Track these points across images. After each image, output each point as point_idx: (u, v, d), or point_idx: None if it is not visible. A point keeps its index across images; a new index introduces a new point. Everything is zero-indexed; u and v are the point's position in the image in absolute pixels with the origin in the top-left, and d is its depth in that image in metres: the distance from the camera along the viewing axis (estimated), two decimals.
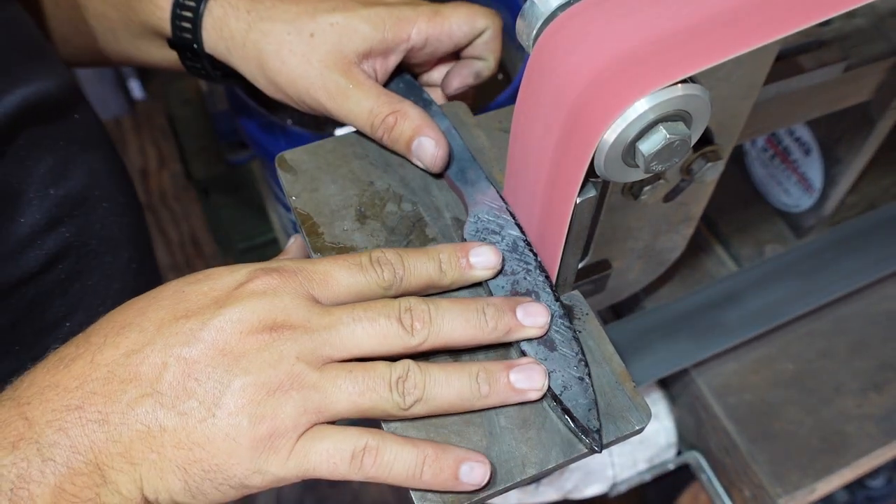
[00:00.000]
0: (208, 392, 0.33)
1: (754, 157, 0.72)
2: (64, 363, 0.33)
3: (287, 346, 0.33)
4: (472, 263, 0.39)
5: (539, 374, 0.37)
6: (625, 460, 0.67)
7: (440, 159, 0.44)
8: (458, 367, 0.36)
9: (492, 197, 0.43)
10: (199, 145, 1.17)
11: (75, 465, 0.31)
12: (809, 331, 0.66)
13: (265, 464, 0.33)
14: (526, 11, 0.35)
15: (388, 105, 0.45)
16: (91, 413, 0.32)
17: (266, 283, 0.34)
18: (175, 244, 1.69)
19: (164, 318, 0.34)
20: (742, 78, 0.40)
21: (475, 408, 0.37)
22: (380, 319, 0.35)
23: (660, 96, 0.30)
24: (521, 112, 0.37)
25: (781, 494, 0.59)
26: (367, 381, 0.34)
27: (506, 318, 0.37)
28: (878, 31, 0.54)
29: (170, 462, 0.32)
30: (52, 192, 0.46)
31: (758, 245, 0.71)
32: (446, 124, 0.46)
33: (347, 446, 0.33)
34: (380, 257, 0.37)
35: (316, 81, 0.46)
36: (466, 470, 0.34)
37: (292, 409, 0.33)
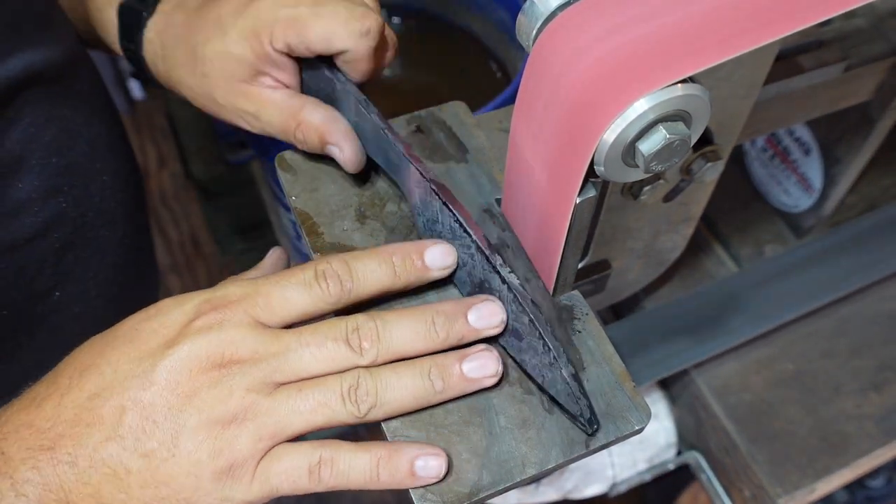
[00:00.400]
0: (166, 432, 0.33)
1: (754, 157, 0.72)
2: (36, 403, 0.34)
3: (236, 380, 0.34)
4: (427, 265, 0.39)
5: (491, 361, 0.37)
6: (625, 460, 0.67)
7: (350, 163, 0.44)
8: (409, 366, 0.36)
9: (415, 179, 0.41)
10: (199, 145, 1.17)
11: (47, 502, 0.32)
12: (809, 331, 0.66)
13: (230, 492, 0.34)
14: (526, 11, 0.35)
15: (290, 117, 0.44)
16: (61, 454, 0.33)
17: (211, 319, 0.35)
18: (175, 244, 1.69)
19: (120, 360, 0.34)
20: (742, 78, 0.40)
21: (432, 403, 0.37)
22: (327, 343, 0.35)
23: (660, 96, 0.30)
24: (520, 112, 0.37)
25: (781, 494, 0.59)
26: (319, 397, 0.35)
27: (457, 325, 0.37)
28: (878, 31, 0.54)
29: (138, 501, 0.33)
30: (55, 160, 0.46)
31: (758, 245, 0.71)
32: (354, 105, 0.43)
33: (303, 463, 0.34)
34: (325, 269, 0.36)
35: (233, 117, 0.47)
36: (421, 465, 0.35)
37: (247, 439, 0.34)
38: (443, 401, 0.37)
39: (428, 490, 0.35)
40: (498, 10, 0.80)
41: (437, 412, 0.37)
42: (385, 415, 0.36)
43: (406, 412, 0.37)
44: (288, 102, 0.45)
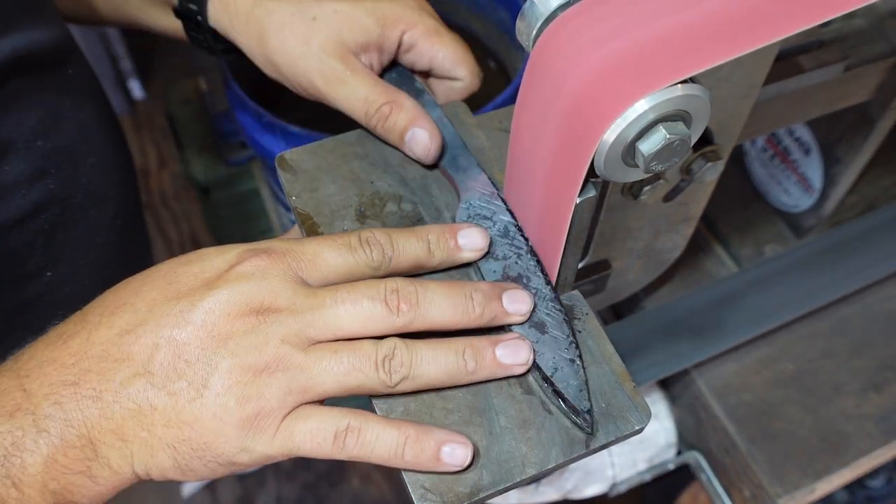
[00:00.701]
0: (197, 373, 0.33)
1: (754, 157, 0.72)
2: (62, 339, 0.34)
3: (273, 328, 0.34)
4: (460, 245, 0.40)
5: (524, 350, 0.37)
6: (625, 460, 0.67)
7: (433, 150, 0.45)
8: (445, 343, 0.36)
9: (483, 183, 0.43)
10: (199, 145, 1.16)
11: (68, 437, 0.32)
12: (809, 331, 0.66)
13: (252, 442, 0.34)
14: (526, 11, 0.35)
15: (383, 94, 0.45)
16: (86, 389, 0.33)
17: (254, 266, 0.35)
18: (175, 244, 1.69)
19: (156, 299, 0.34)
20: (742, 78, 0.40)
21: (462, 383, 0.37)
22: (363, 301, 0.35)
23: (660, 96, 0.30)
24: (521, 112, 0.37)
25: (781, 494, 0.59)
26: (353, 361, 0.35)
27: (493, 304, 0.38)
28: (878, 31, 0.54)
29: (160, 440, 0.33)
30: (41, 143, 0.46)
31: (758, 245, 0.71)
32: (438, 113, 0.47)
33: (330, 426, 0.34)
34: (369, 237, 0.37)
35: (313, 65, 0.46)
36: (448, 451, 0.35)
37: (277, 390, 0.34)
38: (471, 382, 0.37)
39: (428, 490, 0.35)
40: (498, 10, 0.80)
41: (438, 412, 0.37)
42: (415, 387, 0.36)
43: (436, 387, 0.37)
44: (382, 82, 0.46)
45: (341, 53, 0.46)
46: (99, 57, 1.77)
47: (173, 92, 1.20)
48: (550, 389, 0.38)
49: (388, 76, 0.49)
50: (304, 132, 0.68)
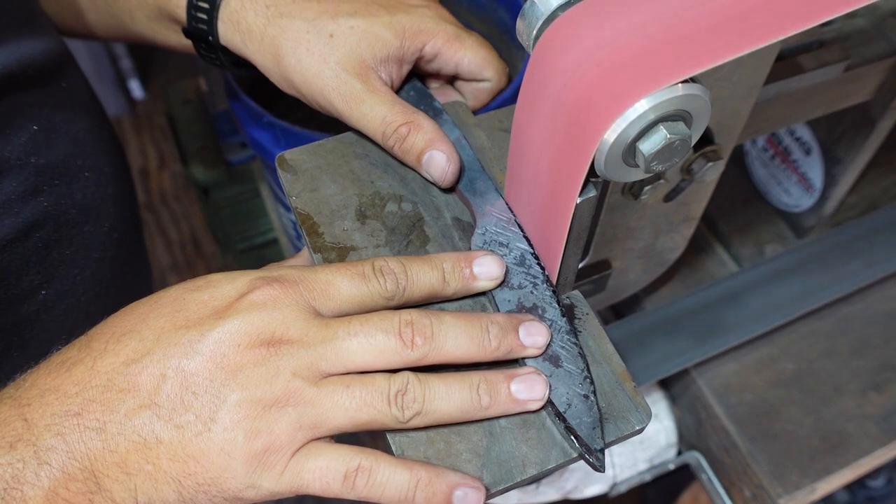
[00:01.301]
0: (205, 406, 0.33)
1: (754, 156, 0.72)
2: (66, 367, 0.33)
3: (284, 361, 0.33)
4: (475, 274, 0.39)
5: (540, 385, 0.36)
6: (625, 460, 0.67)
7: (451, 174, 0.44)
8: (459, 378, 0.35)
9: (500, 209, 0.43)
10: (199, 145, 1.16)
11: (70, 470, 0.31)
12: (810, 331, 0.66)
13: (259, 479, 0.33)
14: (526, 11, 0.35)
15: (401, 115, 0.44)
16: (89, 420, 0.32)
17: (266, 295, 0.34)
18: (175, 244, 1.69)
19: (164, 327, 0.34)
20: (743, 78, 0.40)
21: (475, 418, 0.36)
22: (377, 335, 0.34)
23: (660, 96, 0.30)
24: (521, 112, 0.37)
25: (782, 494, 0.59)
26: (365, 396, 0.34)
27: (509, 337, 0.37)
28: (878, 31, 0.54)
29: (165, 474, 0.32)
30: (34, 160, 0.45)
31: (758, 245, 0.71)
32: (456, 134, 0.46)
33: (341, 466, 0.33)
34: (383, 266, 0.37)
35: (330, 83, 0.45)
36: (460, 496, 0.34)
37: (287, 426, 0.33)
38: (485, 418, 0.36)
39: None
40: (498, 9, 0.80)
41: None
42: (427, 423, 0.35)
43: (448, 423, 0.36)
44: (400, 101, 0.45)
45: (360, 71, 0.45)
46: (99, 57, 1.77)
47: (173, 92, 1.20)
48: (563, 426, 0.37)
49: (407, 95, 0.48)
50: (304, 132, 0.68)
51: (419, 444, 0.36)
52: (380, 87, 0.45)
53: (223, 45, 0.49)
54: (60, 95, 0.49)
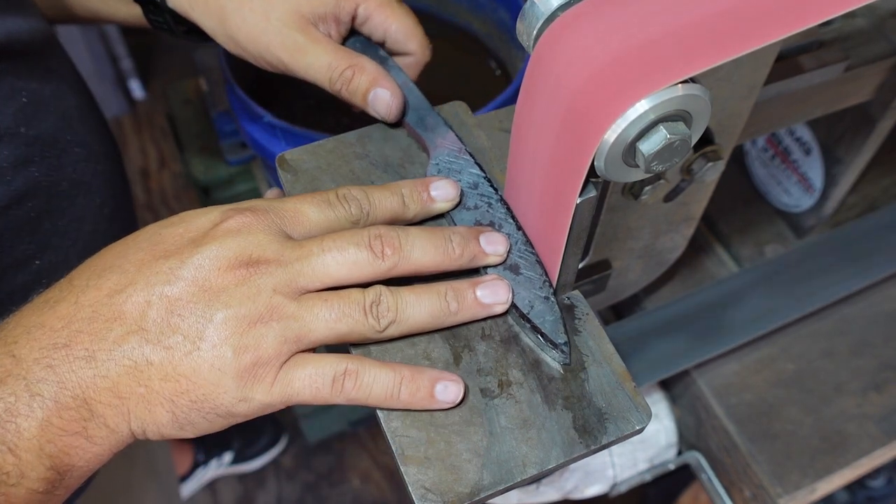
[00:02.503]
0: (192, 326, 0.34)
1: (754, 157, 0.72)
2: (49, 305, 0.34)
3: (264, 279, 0.35)
4: (432, 196, 0.41)
5: (503, 289, 0.39)
6: (625, 460, 0.67)
7: (395, 109, 0.47)
8: (427, 287, 0.38)
9: (451, 140, 0.45)
10: (199, 145, 1.16)
11: (63, 399, 0.32)
12: (810, 331, 0.66)
13: (251, 391, 0.34)
14: (526, 11, 0.35)
15: (346, 59, 0.47)
16: (78, 350, 0.33)
17: (240, 222, 0.36)
18: None
19: (144, 259, 0.35)
20: (743, 78, 0.40)
21: (446, 325, 0.39)
22: (349, 248, 0.36)
23: (660, 96, 0.30)
24: (521, 112, 0.37)
25: (782, 494, 0.59)
26: (343, 308, 0.36)
27: (472, 245, 0.39)
28: (878, 31, 0.54)
29: (157, 395, 0.33)
30: (24, 130, 0.47)
31: (758, 245, 0.71)
32: (403, 78, 0.49)
33: (329, 371, 0.35)
34: (346, 193, 0.39)
35: (275, 38, 0.47)
36: (441, 389, 0.36)
37: (273, 339, 0.34)
38: (455, 324, 0.39)
39: (429, 490, 0.35)
40: (498, 10, 0.80)
41: (438, 413, 0.37)
42: (402, 332, 0.37)
43: (422, 331, 0.38)
44: (344, 48, 0.48)
45: (301, 25, 0.47)
46: (99, 57, 1.77)
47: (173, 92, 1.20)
48: (528, 326, 0.39)
49: (352, 45, 0.51)
50: (304, 132, 0.68)
51: (419, 444, 0.36)
52: (322, 38, 0.48)
53: (171, 8, 0.51)
54: (48, 73, 0.50)
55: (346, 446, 1.50)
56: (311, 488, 1.48)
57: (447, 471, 0.36)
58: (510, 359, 0.39)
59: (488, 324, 0.40)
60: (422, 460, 0.36)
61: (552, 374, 0.39)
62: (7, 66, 0.46)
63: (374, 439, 1.51)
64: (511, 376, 0.38)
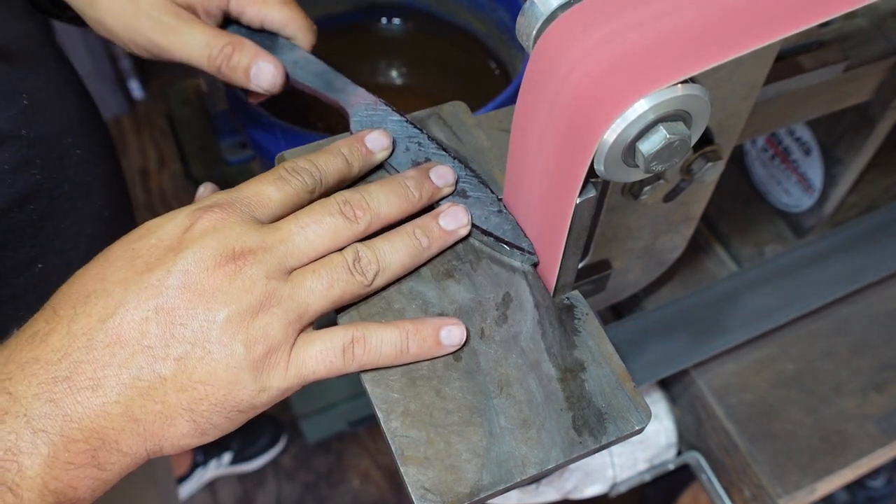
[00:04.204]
0: (197, 332, 0.34)
1: (754, 157, 0.72)
2: (39, 338, 0.33)
3: (254, 269, 0.35)
4: (370, 149, 0.43)
5: (462, 212, 0.42)
6: (625, 460, 0.67)
7: (279, 80, 0.48)
8: (396, 232, 0.40)
9: (363, 95, 0.47)
10: (199, 145, 1.16)
11: (69, 433, 0.32)
12: (810, 331, 0.66)
13: (268, 380, 0.35)
14: (526, 11, 0.35)
15: (224, 37, 0.47)
16: (82, 381, 0.32)
17: (210, 220, 0.36)
18: None
19: (127, 277, 0.34)
20: (742, 78, 0.40)
21: (423, 260, 0.40)
22: (325, 219, 0.37)
23: (660, 96, 0.30)
24: (521, 112, 0.37)
25: (781, 494, 0.59)
26: (331, 274, 0.37)
27: (426, 184, 0.41)
28: (878, 31, 0.54)
29: (175, 408, 0.33)
30: (25, 132, 0.47)
31: (758, 245, 0.71)
32: (299, 51, 0.50)
33: (337, 342, 0.36)
34: (294, 166, 0.39)
35: (145, 21, 0.47)
36: (445, 334, 0.38)
37: (278, 324, 0.35)
38: (430, 258, 0.41)
39: (428, 490, 0.35)
40: (498, 10, 0.80)
41: (438, 413, 0.37)
42: (387, 279, 0.39)
43: (405, 273, 0.40)
44: (220, 31, 0.48)
45: (171, 9, 0.47)
46: (99, 57, 1.77)
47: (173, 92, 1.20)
48: (492, 239, 0.42)
49: (239, 31, 0.51)
50: (304, 132, 0.68)
51: (419, 445, 0.36)
52: (195, 20, 0.48)
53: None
54: (48, 74, 0.50)
55: (345, 446, 1.50)
56: (311, 488, 1.48)
57: (447, 471, 0.36)
58: (510, 359, 0.39)
59: (488, 324, 0.40)
60: (421, 460, 0.36)
61: (552, 373, 0.39)
62: (7, 67, 0.46)
63: (373, 439, 1.51)
64: (511, 376, 0.38)
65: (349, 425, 1.44)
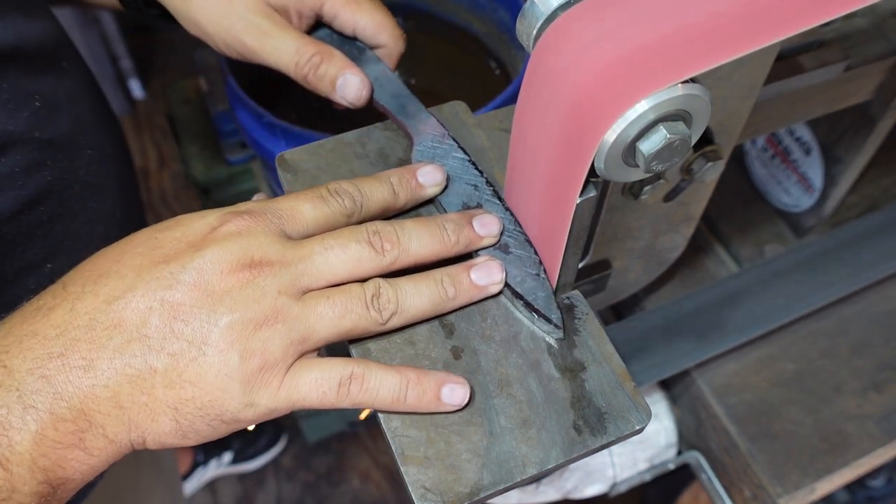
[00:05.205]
0: (196, 332, 0.33)
1: (754, 156, 0.72)
2: (42, 312, 0.33)
3: (268, 281, 0.34)
4: (420, 183, 0.41)
5: (496, 269, 0.40)
6: (625, 460, 0.67)
7: (365, 95, 0.47)
8: (424, 275, 0.38)
9: (433, 126, 0.46)
10: (199, 145, 1.17)
11: (58, 411, 0.31)
12: (810, 331, 0.66)
13: (257, 397, 0.34)
14: (526, 11, 0.35)
15: (314, 45, 0.47)
16: (75, 360, 0.32)
17: (238, 225, 0.35)
18: None
19: (143, 264, 0.34)
20: (742, 78, 0.40)
21: (445, 310, 0.39)
22: (351, 245, 0.36)
23: (660, 96, 0.30)
24: (521, 112, 0.37)
25: (781, 494, 0.59)
26: (346, 303, 0.35)
27: (465, 230, 0.40)
28: (878, 31, 0.54)
29: (161, 403, 0.33)
30: (37, 135, 0.46)
31: (758, 245, 0.71)
32: (382, 67, 0.49)
33: (335, 375, 0.35)
34: (337, 188, 0.38)
35: (238, 23, 0.47)
36: (447, 392, 0.36)
37: (280, 342, 0.34)
38: (454, 309, 0.39)
39: (428, 490, 0.35)
40: (498, 10, 0.80)
41: (439, 413, 0.37)
42: (404, 321, 0.37)
43: (424, 319, 0.38)
44: (310, 38, 0.48)
45: (265, 11, 0.47)
46: (99, 57, 1.77)
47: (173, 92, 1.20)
48: (521, 303, 0.39)
49: (326, 39, 0.51)
50: (304, 132, 0.68)
51: (419, 445, 0.36)
52: (287, 25, 0.48)
53: None
54: (62, 75, 0.50)
55: (345, 446, 1.50)
56: (311, 488, 1.48)
57: (447, 471, 0.36)
58: (510, 359, 0.39)
59: (488, 324, 0.40)
60: (421, 460, 0.36)
61: (552, 373, 0.39)
62: (21, 68, 0.46)
63: (373, 439, 1.51)
64: (511, 376, 0.38)
65: (349, 425, 1.44)
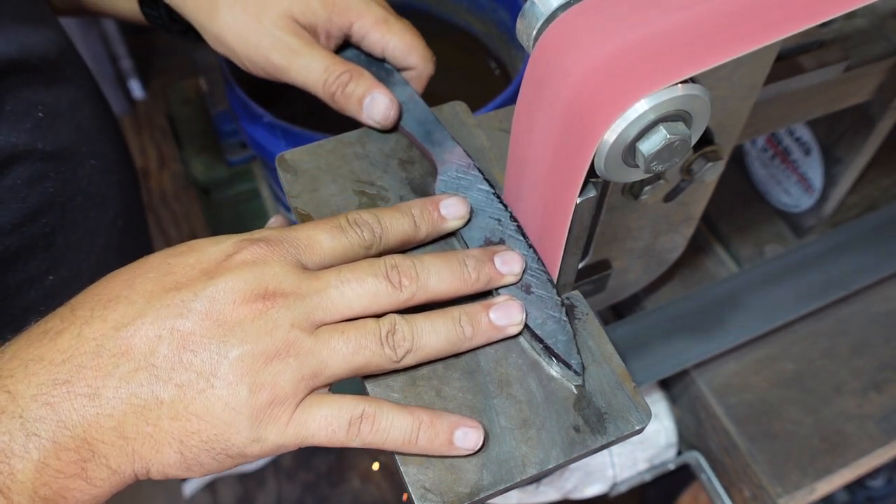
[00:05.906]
0: (205, 363, 0.32)
1: (754, 157, 0.72)
2: (49, 336, 0.32)
3: (281, 313, 0.33)
4: (443, 215, 0.41)
5: (516, 310, 0.38)
6: (625, 460, 0.67)
7: (393, 116, 0.46)
8: (441, 313, 0.37)
9: (458, 155, 0.44)
10: (199, 145, 1.16)
11: (61, 440, 0.31)
12: (810, 331, 0.66)
13: (264, 432, 0.33)
14: (526, 11, 0.35)
15: (342, 64, 0.47)
16: (80, 387, 0.31)
17: (254, 253, 0.35)
18: (176, 244, 1.69)
19: (154, 291, 0.33)
20: (742, 78, 0.40)
21: (462, 350, 0.38)
22: (368, 279, 0.35)
23: (660, 96, 0.30)
24: (521, 112, 0.37)
25: (781, 494, 0.59)
26: (360, 339, 0.35)
27: (486, 268, 0.39)
28: (878, 31, 0.54)
29: (166, 434, 0.32)
30: (40, 146, 0.46)
31: (758, 245, 0.71)
32: (410, 91, 0.48)
33: (345, 413, 0.34)
34: (356, 218, 0.38)
35: (266, 40, 0.47)
36: (461, 435, 0.35)
37: (290, 376, 0.33)
38: (471, 349, 0.38)
39: (429, 490, 0.35)
40: (498, 10, 0.80)
41: None
42: (418, 360, 0.36)
43: (439, 358, 0.37)
44: (339, 58, 0.47)
45: (294, 29, 0.47)
46: (99, 57, 1.77)
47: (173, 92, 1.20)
48: (541, 346, 0.38)
49: (358, 58, 0.50)
50: (304, 132, 0.68)
51: None
52: (316, 43, 0.47)
53: (165, 2, 0.50)
54: (64, 83, 0.49)
55: None
56: (311, 488, 1.48)
57: (447, 471, 0.36)
58: (510, 359, 0.39)
59: None
60: (422, 460, 0.36)
61: (552, 374, 0.39)
62: (23, 80, 0.45)
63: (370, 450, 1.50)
64: (511, 376, 0.38)
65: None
